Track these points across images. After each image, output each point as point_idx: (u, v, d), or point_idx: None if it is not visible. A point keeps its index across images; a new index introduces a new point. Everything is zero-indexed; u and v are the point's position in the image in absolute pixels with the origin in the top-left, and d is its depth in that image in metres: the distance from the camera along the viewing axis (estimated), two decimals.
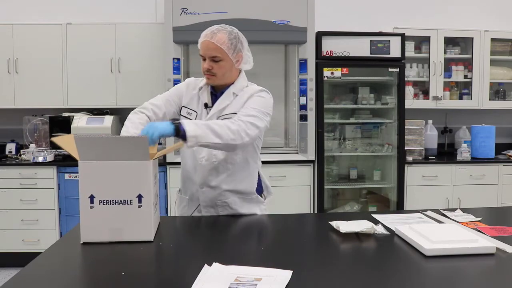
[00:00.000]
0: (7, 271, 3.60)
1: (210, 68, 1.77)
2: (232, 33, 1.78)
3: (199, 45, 1.80)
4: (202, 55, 1.78)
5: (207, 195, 1.85)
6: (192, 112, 1.86)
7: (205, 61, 1.78)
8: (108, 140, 1.42)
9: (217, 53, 1.74)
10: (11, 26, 3.86)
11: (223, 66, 1.77)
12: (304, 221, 1.81)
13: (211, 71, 1.78)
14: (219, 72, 1.78)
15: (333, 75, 3.79)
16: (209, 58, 1.76)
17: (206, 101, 1.86)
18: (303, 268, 1.21)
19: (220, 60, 1.76)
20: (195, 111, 1.86)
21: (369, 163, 4.22)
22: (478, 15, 4.45)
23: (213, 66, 1.76)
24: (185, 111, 1.88)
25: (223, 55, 1.75)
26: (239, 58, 1.81)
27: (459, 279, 1.17)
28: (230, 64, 1.79)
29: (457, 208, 1.85)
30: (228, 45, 1.75)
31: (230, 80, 1.85)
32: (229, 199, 1.86)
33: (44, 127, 3.97)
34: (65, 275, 1.21)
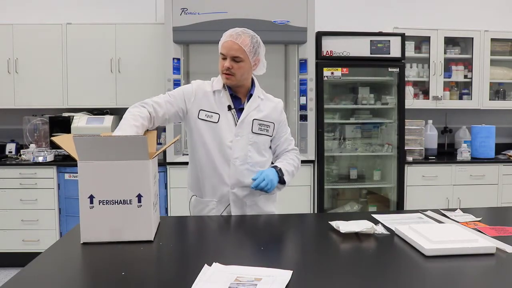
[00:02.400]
0: (7, 271, 3.60)
1: (231, 67, 1.81)
2: (254, 38, 1.87)
3: (221, 44, 1.84)
4: (224, 54, 1.83)
5: (238, 196, 1.88)
6: (213, 114, 1.87)
7: (224, 60, 1.83)
8: (107, 140, 1.42)
9: (240, 54, 1.81)
10: (11, 26, 3.87)
11: (243, 67, 1.84)
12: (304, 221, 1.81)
13: (230, 71, 1.82)
14: (238, 73, 1.83)
15: (333, 75, 3.79)
16: (231, 57, 1.82)
17: (229, 103, 1.89)
18: (303, 268, 1.21)
19: (240, 61, 1.82)
20: (217, 113, 1.87)
21: (369, 163, 4.22)
22: (478, 15, 4.45)
23: (233, 66, 1.82)
24: (203, 114, 1.88)
25: (244, 56, 1.82)
26: (256, 62, 1.89)
27: (459, 279, 1.17)
28: (248, 67, 1.86)
29: (457, 208, 1.85)
30: (250, 48, 1.83)
31: (245, 83, 1.92)
32: (257, 197, 1.91)
33: (44, 127, 3.97)
34: (65, 275, 1.21)
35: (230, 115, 1.88)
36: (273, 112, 1.96)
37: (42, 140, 3.97)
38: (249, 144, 1.88)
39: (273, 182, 1.80)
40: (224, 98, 1.90)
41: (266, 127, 1.93)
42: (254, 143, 1.89)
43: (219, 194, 1.89)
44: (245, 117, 1.88)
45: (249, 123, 1.89)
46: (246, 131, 1.88)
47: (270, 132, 1.94)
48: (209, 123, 1.86)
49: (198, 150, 1.90)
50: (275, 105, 1.99)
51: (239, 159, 1.86)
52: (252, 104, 1.91)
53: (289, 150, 2.01)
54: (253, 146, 1.89)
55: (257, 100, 1.93)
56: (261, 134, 1.91)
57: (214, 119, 1.87)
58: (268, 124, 1.93)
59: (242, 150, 1.86)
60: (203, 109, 1.88)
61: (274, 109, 1.97)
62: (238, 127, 1.87)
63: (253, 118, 1.89)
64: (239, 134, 1.87)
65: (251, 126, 1.89)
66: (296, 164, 1.99)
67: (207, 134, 1.86)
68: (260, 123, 1.91)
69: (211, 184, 1.90)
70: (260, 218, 1.84)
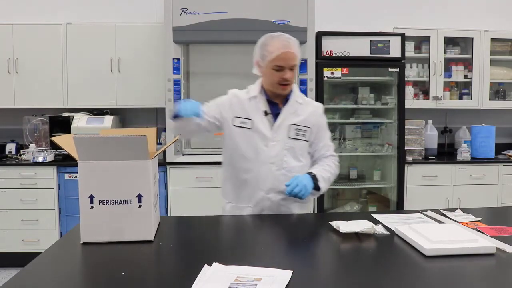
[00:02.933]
0: (7, 271, 3.60)
1: (291, 77, 1.82)
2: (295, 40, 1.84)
3: (273, 55, 1.79)
4: (284, 65, 1.79)
5: (273, 201, 1.87)
6: (247, 120, 1.87)
7: (281, 72, 1.80)
8: (107, 140, 1.42)
9: (296, 61, 1.82)
10: (11, 26, 3.87)
11: (295, 72, 1.85)
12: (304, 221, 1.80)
13: (289, 80, 1.82)
14: (292, 80, 1.85)
15: (333, 75, 3.79)
16: (290, 67, 1.80)
17: (265, 109, 1.88)
18: (303, 268, 1.21)
19: (295, 68, 1.83)
20: (250, 119, 1.87)
21: (369, 163, 4.22)
22: (478, 15, 4.45)
23: (291, 75, 1.82)
24: (238, 121, 1.88)
25: (298, 62, 1.83)
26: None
27: (459, 279, 1.17)
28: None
29: (457, 208, 1.85)
30: (299, 51, 1.83)
31: None
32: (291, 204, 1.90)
33: (44, 127, 3.97)
34: (65, 275, 1.21)
35: (266, 120, 1.87)
36: (311, 116, 1.93)
37: (42, 140, 3.97)
38: (285, 149, 1.86)
39: (307, 189, 1.76)
40: (261, 104, 1.89)
41: (303, 132, 1.90)
42: (290, 148, 1.87)
43: (254, 200, 1.88)
44: (281, 122, 1.87)
45: (285, 128, 1.87)
46: (282, 136, 1.86)
47: (307, 137, 1.91)
48: (244, 129, 1.86)
49: (234, 156, 1.90)
50: (314, 109, 1.95)
51: (275, 164, 1.85)
52: (289, 108, 1.89)
53: (327, 156, 1.97)
54: (289, 151, 1.87)
55: (295, 104, 1.90)
56: (298, 139, 1.89)
57: (248, 125, 1.86)
58: (305, 129, 1.90)
59: (278, 155, 1.85)
60: (237, 116, 1.88)
61: (313, 113, 1.94)
62: (274, 132, 1.86)
63: (290, 123, 1.87)
64: (275, 139, 1.86)
65: (288, 131, 1.87)
66: (333, 171, 1.94)
67: (242, 140, 1.86)
68: (297, 128, 1.88)
69: (247, 190, 1.89)
70: (260, 218, 1.84)
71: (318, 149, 1.96)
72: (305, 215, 1.87)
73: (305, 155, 1.94)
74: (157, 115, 4.26)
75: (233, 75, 4.02)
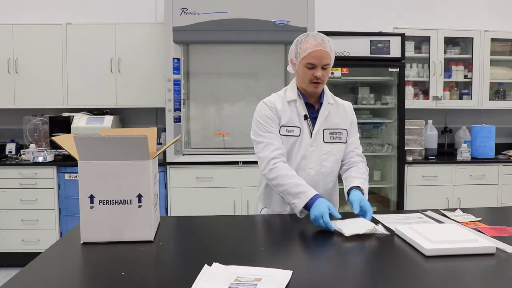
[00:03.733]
0: (7, 271, 3.60)
1: (322, 75, 1.81)
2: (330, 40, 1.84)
3: (306, 53, 1.79)
4: (316, 63, 1.78)
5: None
6: (294, 128, 1.85)
7: (313, 70, 1.79)
8: (107, 140, 1.42)
9: (329, 61, 1.81)
10: (11, 26, 3.87)
11: (328, 72, 1.85)
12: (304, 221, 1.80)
13: (321, 79, 1.81)
14: (325, 79, 1.84)
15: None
16: (322, 66, 1.80)
17: (305, 112, 1.87)
18: (303, 268, 1.21)
19: (328, 67, 1.83)
20: (298, 126, 1.85)
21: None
22: (478, 15, 4.45)
23: (324, 74, 1.81)
24: (284, 129, 1.85)
25: (331, 61, 1.83)
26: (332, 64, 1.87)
27: (459, 279, 1.17)
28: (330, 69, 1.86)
29: (457, 208, 1.85)
30: (333, 51, 1.83)
31: None
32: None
33: (44, 127, 3.98)
34: (65, 275, 1.21)
35: (306, 125, 1.86)
36: (344, 117, 1.93)
37: (42, 140, 3.97)
38: (323, 154, 1.86)
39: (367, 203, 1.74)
40: (300, 108, 1.87)
41: (339, 135, 1.90)
42: (328, 152, 1.87)
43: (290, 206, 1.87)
44: (318, 127, 1.86)
45: (321, 133, 1.87)
46: (319, 141, 1.86)
47: (344, 139, 1.91)
48: (291, 137, 1.84)
49: None
50: (345, 110, 1.96)
51: (314, 169, 1.85)
52: (323, 113, 1.88)
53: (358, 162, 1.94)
54: (327, 155, 1.87)
55: (328, 107, 1.90)
56: (334, 142, 1.89)
57: (295, 132, 1.84)
58: (341, 131, 1.90)
59: (317, 160, 1.85)
60: (283, 125, 1.85)
61: (345, 114, 1.94)
62: (314, 137, 1.85)
63: (323, 128, 1.87)
64: (314, 144, 1.85)
65: (323, 137, 1.87)
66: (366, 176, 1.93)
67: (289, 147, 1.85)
68: (331, 132, 1.88)
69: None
70: (259, 218, 1.84)
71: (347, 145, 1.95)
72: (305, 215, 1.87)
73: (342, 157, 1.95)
74: (157, 115, 4.26)
75: (233, 75, 4.03)
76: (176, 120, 3.69)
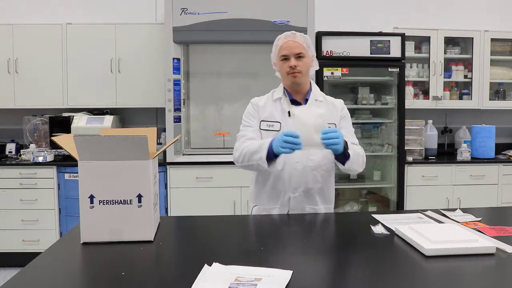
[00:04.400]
0: (7, 271, 3.60)
1: (296, 65, 1.85)
2: (304, 35, 1.91)
3: (279, 47, 1.89)
4: (287, 54, 1.86)
5: (298, 200, 1.88)
6: (275, 123, 1.88)
7: (287, 61, 1.86)
8: (107, 140, 1.42)
9: (301, 50, 1.86)
10: (11, 26, 3.87)
11: (306, 63, 1.88)
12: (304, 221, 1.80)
13: (296, 68, 1.85)
14: (303, 69, 1.87)
15: (333, 75, 3.79)
16: (294, 56, 1.86)
17: (289, 109, 1.89)
18: (303, 268, 1.21)
19: (303, 57, 1.87)
20: (278, 122, 1.89)
21: (369, 163, 4.19)
22: (478, 15, 4.45)
23: (298, 64, 1.85)
24: (265, 124, 1.90)
25: (305, 52, 1.87)
26: (313, 58, 1.93)
27: (459, 279, 1.17)
28: (309, 62, 1.91)
29: (457, 208, 1.85)
30: (307, 44, 1.89)
31: (306, 82, 1.93)
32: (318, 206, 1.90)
33: (44, 127, 3.98)
34: (65, 275, 1.21)
35: (290, 121, 1.86)
36: (332, 112, 1.93)
37: (42, 140, 3.97)
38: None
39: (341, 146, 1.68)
40: (285, 105, 1.91)
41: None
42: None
43: (281, 200, 1.89)
44: None
45: None
46: None
47: None
48: (271, 132, 1.87)
49: None
50: (334, 107, 1.96)
51: (300, 163, 1.86)
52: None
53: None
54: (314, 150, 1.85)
55: (315, 103, 1.92)
56: None
57: (276, 127, 1.88)
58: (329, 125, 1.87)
59: (303, 154, 1.85)
60: (263, 120, 1.91)
61: (333, 108, 1.95)
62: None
63: None
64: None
65: None
66: (362, 153, 1.87)
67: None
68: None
69: (274, 191, 1.90)
70: (259, 218, 1.84)
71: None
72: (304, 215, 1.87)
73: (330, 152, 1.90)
74: (157, 115, 4.26)
75: (233, 75, 4.03)
76: (176, 120, 3.70)
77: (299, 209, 1.89)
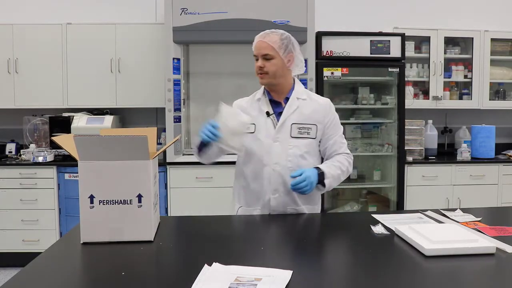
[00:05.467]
0: (7, 271, 3.60)
1: (262, 66, 1.84)
2: (284, 34, 1.87)
3: (253, 47, 1.88)
4: (255, 54, 1.86)
5: (279, 201, 1.85)
6: (250, 125, 1.85)
7: (257, 61, 1.86)
8: (107, 140, 1.42)
9: (269, 51, 1.82)
10: (11, 26, 3.87)
11: (275, 64, 1.84)
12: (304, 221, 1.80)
13: (263, 69, 1.84)
14: (270, 70, 1.84)
15: (333, 75, 3.79)
16: (261, 56, 1.84)
17: (267, 109, 1.89)
18: (303, 268, 1.21)
19: (271, 58, 1.83)
20: (253, 124, 1.87)
21: (369, 163, 4.22)
22: (478, 15, 4.45)
23: (265, 65, 1.84)
24: None
25: (274, 53, 1.83)
26: (290, 58, 1.87)
27: (459, 279, 1.17)
28: (281, 63, 1.85)
29: (457, 208, 1.85)
30: (279, 44, 1.83)
31: (283, 82, 1.90)
32: (300, 207, 1.88)
33: (44, 127, 3.98)
34: (65, 275, 1.21)
35: (269, 121, 1.87)
36: (316, 113, 1.89)
37: (42, 140, 3.97)
38: (289, 149, 1.85)
39: (313, 185, 1.74)
40: (263, 105, 1.90)
41: (307, 130, 1.87)
42: (294, 147, 1.85)
43: (261, 201, 1.88)
44: (283, 121, 1.86)
45: (287, 128, 1.86)
46: (285, 136, 1.85)
47: (313, 134, 1.88)
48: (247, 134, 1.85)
49: (240, 161, 1.93)
50: (319, 106, 1.92)
51: (279, 164, 1.84)
52: (290, 107, 1.88)
53: (340, 154, 1.93)
54: (293, 151, 1.85)
55: (296, 102, 1.89)
56: (302, 137, 1.87)
57: (251, 129, 1.86)
58: (310, 126, 1.88)
59: (282, 155, 1.84)
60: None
61: (317, 110, 1.90)
62: (277, 132, 1.85)
63: (292, 123, 1.86)
64: (278, 139, 1.85)
65: (290, 131, 1.86)
66: (345, 167, 1.90)
67: (247, 144, 1.86)
68: (299, 127, 1.86)
69: (255, 191, 1.89)
70: (260, 218, 1.84)
71: (329, 147, 1.93)
72: (304, 215, 1.87)
73: (312, 153, 1.90)
74: (157, 115, 4.26)
75: (233, 75, 4.02)
76: (176, 120, 3.70)
77: (280, 210, 1.87)
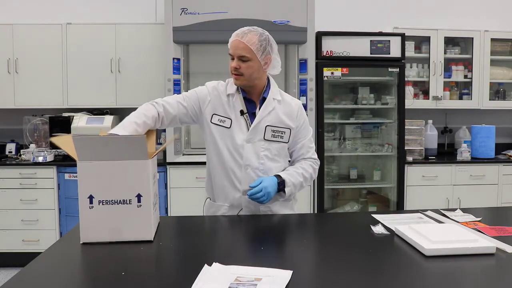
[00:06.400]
0: (7, 271, 3.60)
1: (238, 67, 1.75)
2: (263, 35, 1.78)
3: (229, 44, 1.79)
4: (231, 54, 1.77)
5: (250, 201, 1.80)
6: (226, 119, 1.81)
7: (233, 61, 1.77)
8: (106, 140, 1.42)
9: (246, 53, 1.74)
10: (11, 26, 3.87)
11: (251, 67, 1.76)
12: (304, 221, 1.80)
13: (238, 71, 1.76)
14: (246, 72, 1.76)
15: (333, 75, 3.79)
16: (238, 57, 1.75)
17: (242, 108, 1.82)
18: (303, 268, 1.21)
19: (248, 60, 1.75)
20: (229, 118, 1.82)
21: (369, 163, 4.22)
22: (478, 15, 4.45)
23: (240, 66, 1.75)
24: (216, 118, 1.82)
25: (251, 55, 1.74)
26: (267, 60, 1.79)
27: (459, 279, 1.17)
28: (258, 65, 1.77)
29: (457, 208, 1.85)
30: (257, 46, 1.74)
31: (258, 83, 1.83)
32: (272, 204, 1.85)
33: (44, 127, 3.97)
34: (65, 275, 1.21)
35: (242, 120, 1.82)
36: (289, 117, 1.85)
37: (42, 140, 3.97)
38: (261, 151, 1.81)
39: (270, 195, 1.72)
40: (237, 102, 1.83)
41: (281, 134, 1.83)
42: (266, 149, 1.82)
43: (230, 199, 1.84)
44: (257, 123, 1.81)
45: (261, 129, 1.81)
46: (258, 138, 1.81)
47: (286, 138, 1.85)
48: (221, 127, 1.81)
49: (211, 153, 1.86)
50: (292, 109, 1.87)
51: (251, 165, 1.80)
52: (265, 109, 1.82)
53: (307, 158, 1.90)
54: (265, 153, 1.82)
55: (272, 103, 1.83)
56: (275, 141, 1.83)
57: (227, 124, 1.81)
58: (284, 130, 1.84)
59: (254, 157, 1.80)
60: (216, 113, 1.82)
61: (290, 114, 1.86)
62: (250, 133, 1.80)
63: (266, 125, 1.81)
64: (251, 140, 1.81)
65: (264, 133, 1.81)
66: (308, 174, 1.87)
67: (219, 138, 1.82)
68: (273, 130, 1.82)
69: (223, 189, 1.85)
70: (260, 218, 1.84)
71: (296, 150, 1.90)
72: (304, 215, 1.87)
73: (283, 156, 1.88)
74: None
75: None
76: None
77: (251, 210, 1.84)
